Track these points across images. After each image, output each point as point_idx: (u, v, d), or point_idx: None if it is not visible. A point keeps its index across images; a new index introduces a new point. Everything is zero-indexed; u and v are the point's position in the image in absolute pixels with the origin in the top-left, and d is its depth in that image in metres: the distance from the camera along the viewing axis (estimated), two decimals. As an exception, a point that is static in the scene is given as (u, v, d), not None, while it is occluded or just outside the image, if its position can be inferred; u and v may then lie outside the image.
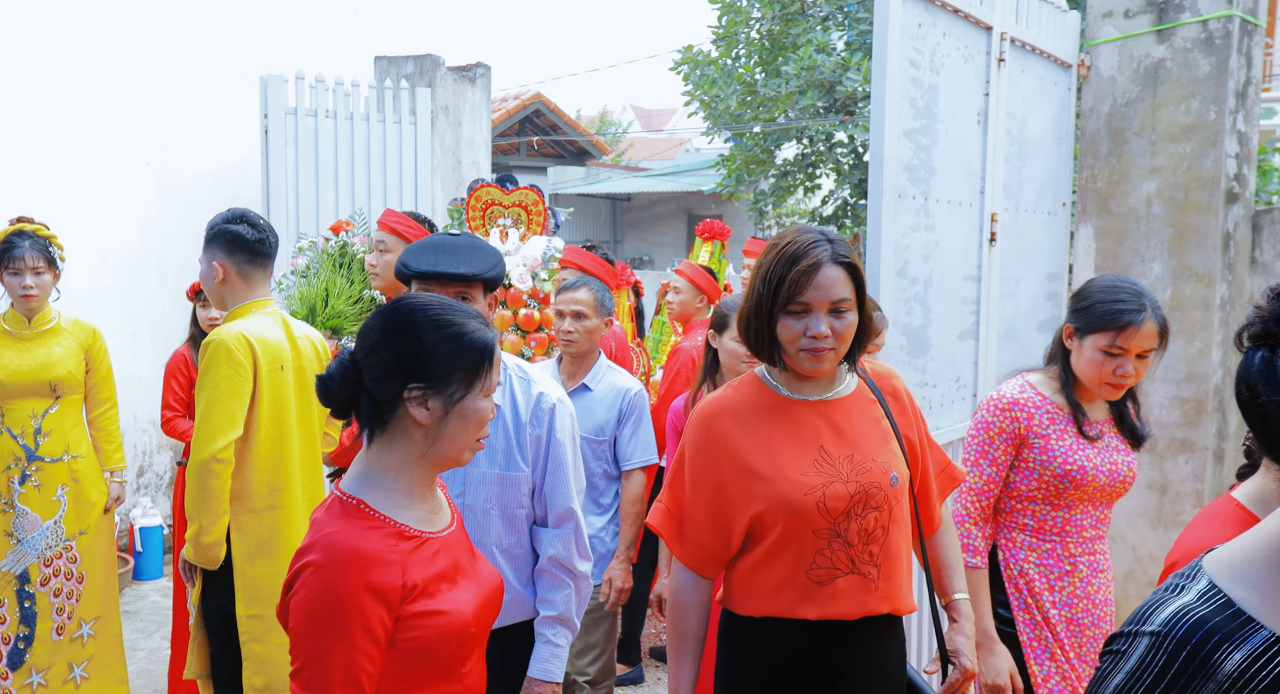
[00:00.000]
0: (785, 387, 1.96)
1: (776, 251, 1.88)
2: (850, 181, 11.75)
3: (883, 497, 1.89)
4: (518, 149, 16.45)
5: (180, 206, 6.26)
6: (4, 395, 3.56)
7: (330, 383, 1.57)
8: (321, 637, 1.46)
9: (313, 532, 1.54)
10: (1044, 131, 3.98)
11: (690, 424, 1.98)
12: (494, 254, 2.34)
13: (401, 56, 6.89)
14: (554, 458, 2.33)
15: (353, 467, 1.63)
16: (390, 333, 1.58)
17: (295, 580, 1.50)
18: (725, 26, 12.01)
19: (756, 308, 1.90)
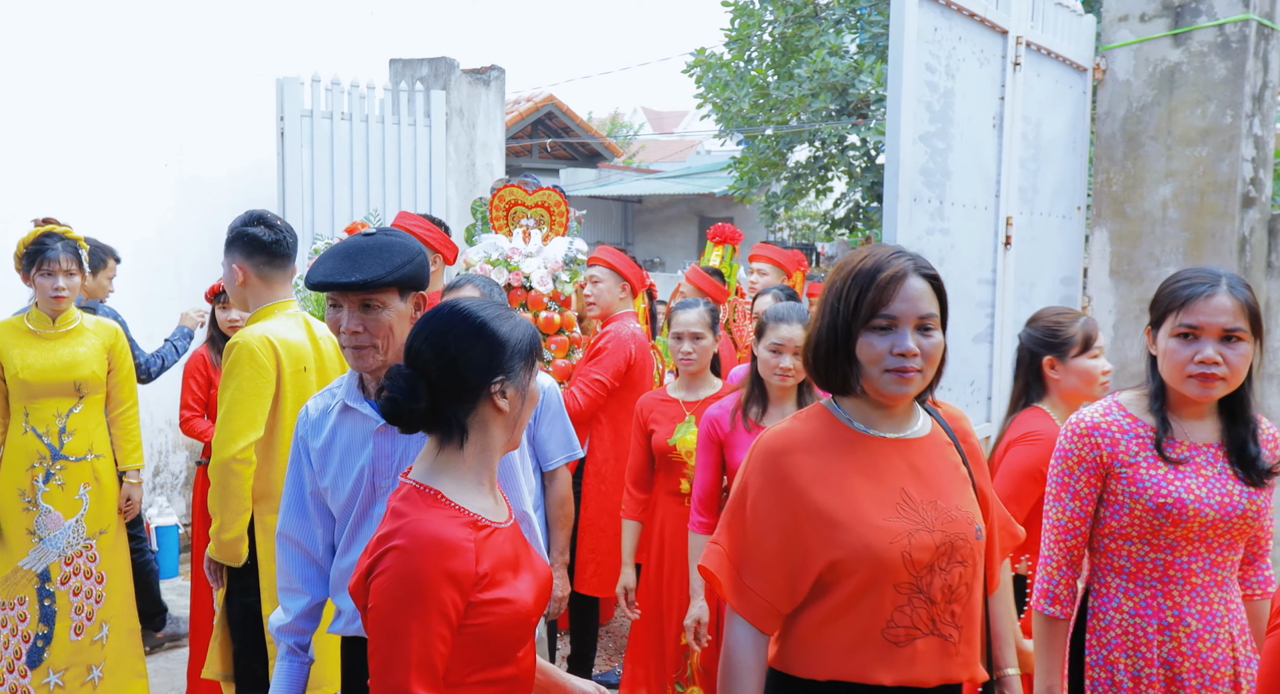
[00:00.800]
0: (861, 421, 1.76)
1: (850, 268, 1.72)
2: (862, 184, 11.75)
3: (969, 550, 1.71)
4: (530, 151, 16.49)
5: (197, 208, 6.31)
6: (29, 395, 3.60)
7: (405, 402, 1.64)
8: (403, 618, 1.55)
9: (393, 519, 1.63)
10: (1059, 135, 3.98)
11: (754, 459, 1.76)
12: (403, 252, 2.11)
13: (416, 59, 6.93)
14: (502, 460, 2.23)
15: (422, 460, 1.72)
16: (469, 336, 1.68)
17: (378, 563, 1.59)
18: (738, 29, 12.02)
19: (830, 328, 1.72)
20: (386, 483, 2.14)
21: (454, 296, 1.88)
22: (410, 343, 1.70)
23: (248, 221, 2.95)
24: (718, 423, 3.10)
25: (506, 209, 4.49)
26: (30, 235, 3.63)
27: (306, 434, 2.23)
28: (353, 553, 2.19)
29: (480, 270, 4.43)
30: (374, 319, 2.09)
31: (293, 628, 2.26)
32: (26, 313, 3.69)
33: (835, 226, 12.96)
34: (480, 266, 4.43)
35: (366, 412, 2.16)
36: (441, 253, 3.71)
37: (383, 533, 1.61)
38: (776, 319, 2.99)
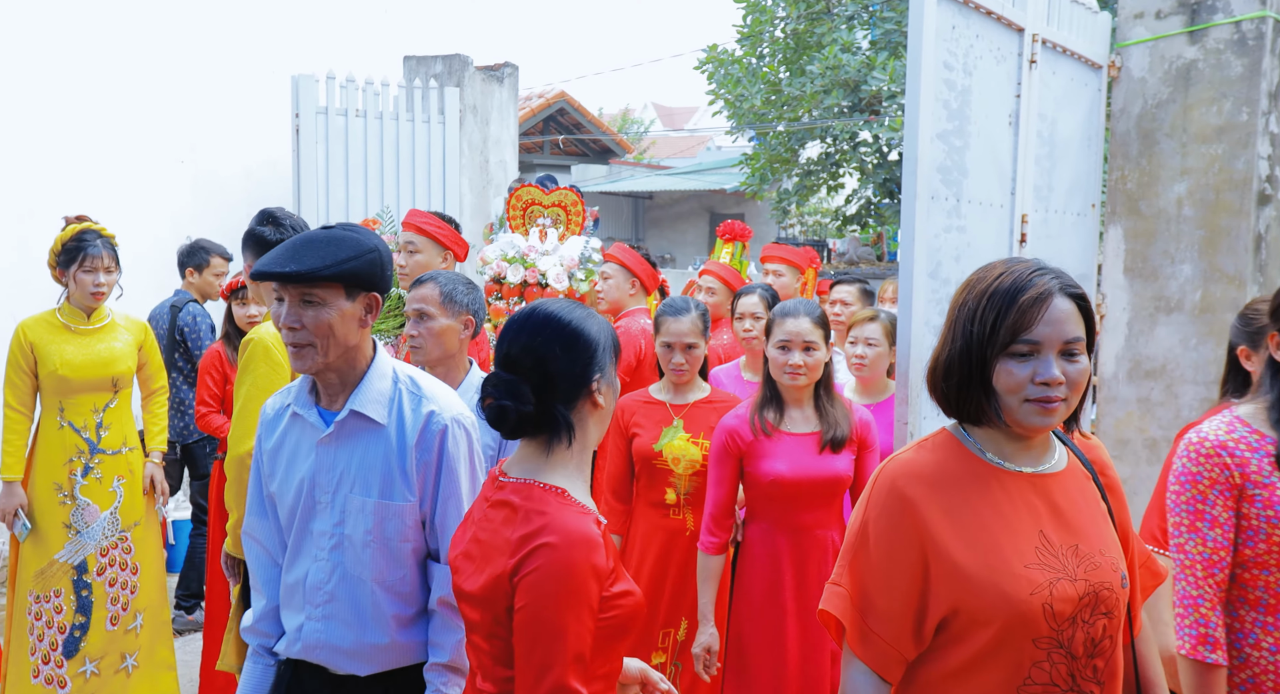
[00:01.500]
0: (994, 452, 1.60)
1: (985, 286, 1.56)
2: (874, 181, 11.74)
3: (1114, 600, 1.56)
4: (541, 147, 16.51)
5: (213, 204, 6.34)
6: (68, 390, 3.64)
7: (514, 406, 1.68)
8: (560, 614, 1.59)
9: (532, 519, 1.65)
10: (1074, 133, 3.98)
11: (876, 493, 1.60)
12: (351, 247, 1.96)
13: (430, 56, 6.95)
14: (445, 488, 2.03)
15: (529, 460, 1.74)
16: (567, 338, 1.72)
17: (526, 562, 1.61)
18: (750, 25, 12.02)
19: (964, 354, 1.56)
20: (326, 499, 2.03)
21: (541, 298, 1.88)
22: (506, 348, 1.73)
23: (259, 221, 3.00)
24: (736, 433, 2.90)
25: (524, 209, 4.52)
26: (67, 232, 3.66)
27: (263, 433, 2.15)
28: (298, 568, 2.08)
29: (496, 268, 4.46)
30: (313, 316, 1.94)
31: (255, 630, 2.18)
32: (59, 308, 3.71)
33: (847, 223, 12.96)
34: (497, 264, 4.46)
35: (314, 420, 2.05)
36: (451, 250, 3.72)
37: (524, 532, 1.64)
38: (783, 314, 2.89)
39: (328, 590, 2.03)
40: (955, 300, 1.61)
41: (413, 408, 2.04)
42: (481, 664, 1.75)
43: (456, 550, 1.80)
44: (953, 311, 1.60)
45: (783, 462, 2.85)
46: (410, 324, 2.78)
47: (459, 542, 1.81)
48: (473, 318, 2.83)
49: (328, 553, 2.04)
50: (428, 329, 2.76)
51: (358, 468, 2.02)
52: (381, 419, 2.02)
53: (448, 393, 2.11)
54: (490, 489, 1.79)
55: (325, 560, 2.04)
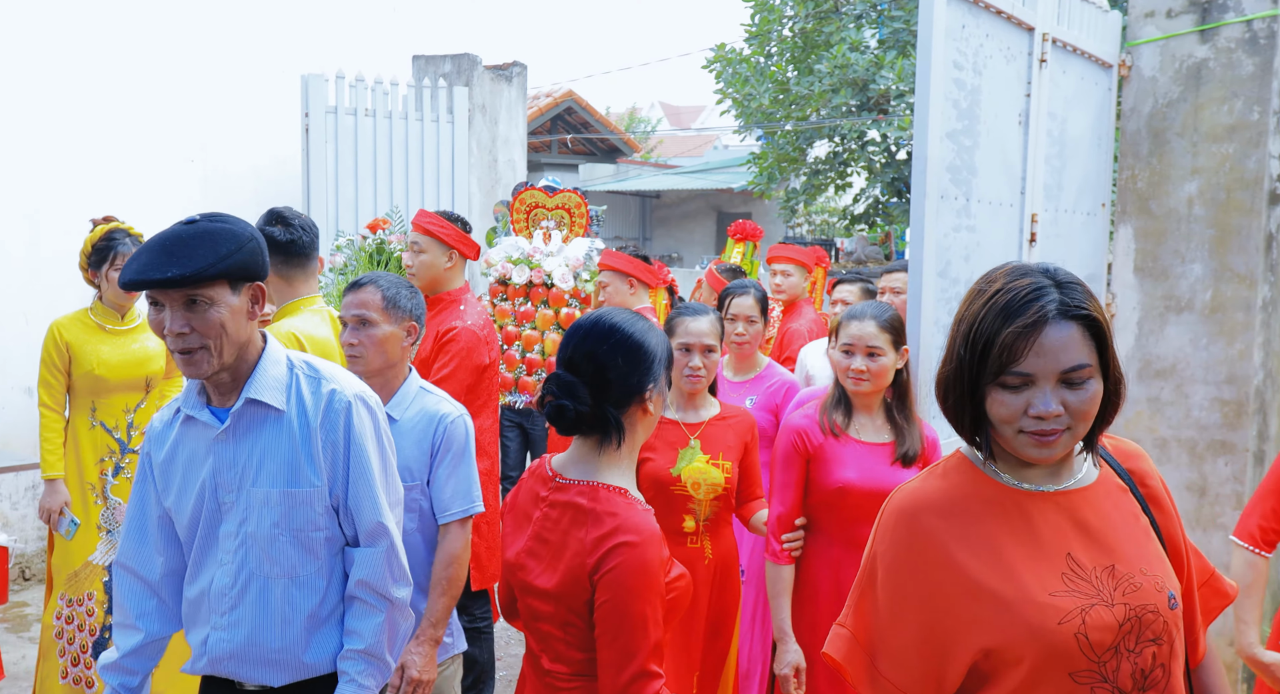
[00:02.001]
0: (1010, 473, 1.46)
1: (984, 299, 1.41)
2: (882, 180, 11.73)
3: (1161, 624, 1.40)
4: (549, 146, 16.52)
5: (222, 203, 6.35)
6: (102, 390, 3.65)
7: (571, 405, 1.81)
8: (640, 606, 1.74)
9: (605, 520, 1.79)
10: (1084, 132, 3.97)
11: (883, 525, 1.50)
12: (230, 239, 1.86)
13: (439, 56, 6.96)
14: (356, 465, 1.98)
15: (581, 460, 1.88)
16: (625, 349, 1.85)
17: (606, 560, 1.76)
18: (758, 24, 12.02)
19: (957, 374, 1.43)
20: (231, 498, 1.94)
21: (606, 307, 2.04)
22: (570, 353, 1.86)
23: (266, 221, 2.99)
24: (805, 434, 2.75)
25: (527, 212, 4.53)
26: (96, 233, 3.67)
27: (151, 449, 2.04)
28: (202, 578, 1.98)
29: (501, 269, 4.47)
30: (202, 318, 1.84)
31: (119, 667, 2.04)
32: (90, 308, 3.73)
33: (854, 222, 12.95)
34: (502, 266, 4.47)
35: (206, 419, 1.96)
36: (457, 249, 3.72)
37: (600, 533, 1.79)
38: (849, 317, 2.76)
39: (233, 595, 1.94)
40: (959, 309, 1.47)
41: (312, 390, 1.97)
42: (550, 648, 1.88)
43: (516, 548, 1.92)
44: (955, 322, 1.46)
45: (852, 469, 2.68)
46: (348, 331, 2.60)
47: (515, 540, 1.94)
48: (416, 324, 2.65)
49: (232, 555, 1.94)
50: (369, 336, 2.58)
51: (260, 459, 1.93)
52: (280, 405, 1.94)
53: (345, 372, 2.05)
54: (544, 488, 1.91)
55: (230, 564, 1.94)
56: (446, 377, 3.54)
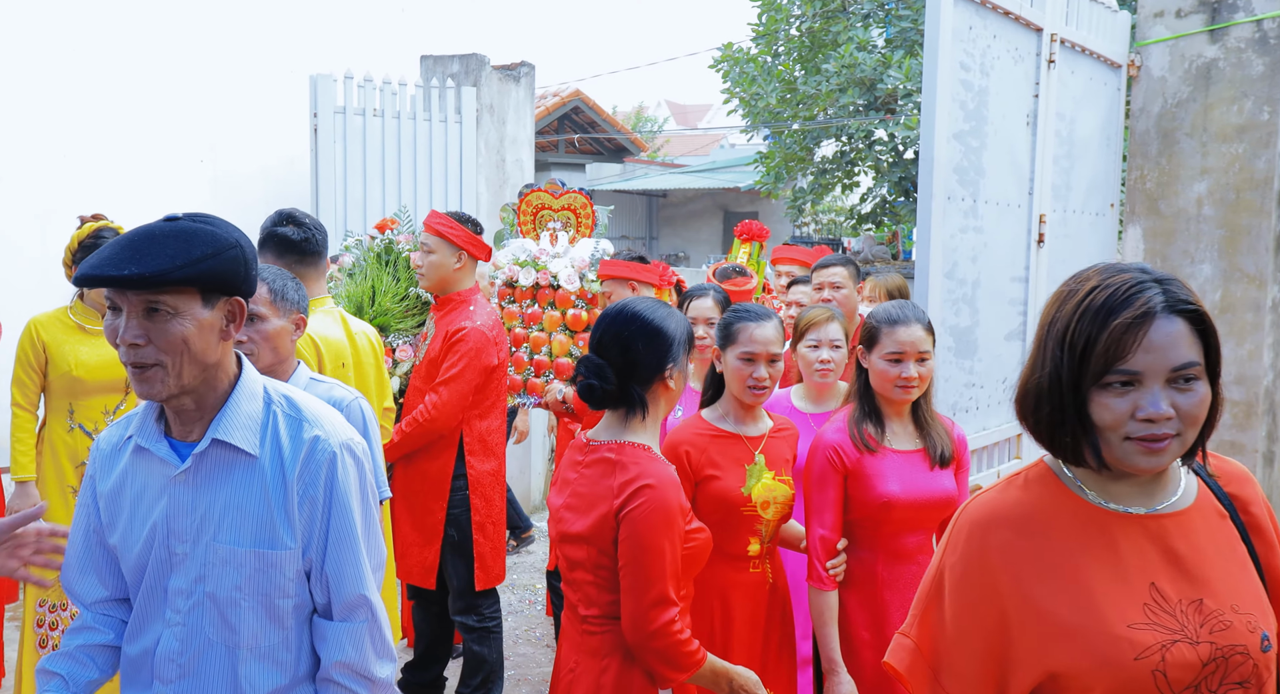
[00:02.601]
0: (1097, 490, 1.36)
1: (1076, 302, 1.31)
2: (889, 179, 11.72)
3: (1249, 667, 1.30)
4: (556, 146, 16.54)
5: (232, 203, 6.38)
6: (80, 392, 3.56)
7: (599, 385, 2.08)
8: (659, 540, 2.00)
9: (630, 468, 2.06)
10: (1093, 132, 3.97)
11: (956, 536, 1.41)
12: (208, 242, 1.59)
13: (447, 56, 6.97)
14: (338, 527, 1.69)
15: (609, 428, 2.14)
16: (648, 334, 2.10)
17: (630, 501, 2.02)
18: (765, 24, 12.01)
19: (1052, 382, 1.32)
20: (185, 549, 1.67)
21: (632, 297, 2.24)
22: (599, 337, 2.11)
23: (277, 221, 2.98)
24: (841, 450, 2.61)
25: (534, 213, 4.54)
26: (84, 231, 3.59)
27: (95, 473, 1.78)
28: (146, 637, 1.71)
29: (509, 271, 4.48)
30: (161, 329, 1.58)
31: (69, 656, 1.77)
32: (70, 307, 3.67)
33: (861, 222, 12.93)
34: (509, 268, 4.48)
35: (164, 454, 1.68)
36: (465, 249, 3.73)
37: (625, 478, 2.05)
38: (891, 322, 2.59)
39: (182, 663, 1.67)
40: (1045, 314, 1.36)
41: (291, 433, 1.68)
42: (585, 595, 2.13)
43: (558, 503, 2.18)
44: (1042, 328, 1.35)
45: (894, 481, 2.57)
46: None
47: (557, 497, 2.20)
48: (303, 317, 2.57)
49: (184, 616, 1.67)
50: (259, 332, 2.46)
51: (223, 510, 1.65)
52: (252, 449, 1.66)
53: (332, 415, 1.76)
54: (580, 453, 2.17)
55: (180, 625, 1.67)
56: (454, 376, 3.55)
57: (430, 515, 3.67)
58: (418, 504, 3.69)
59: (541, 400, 4.39)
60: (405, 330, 3.95)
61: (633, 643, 2.04)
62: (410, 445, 3.64)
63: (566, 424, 4.23)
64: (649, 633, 2.01)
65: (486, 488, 3.72)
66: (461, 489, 3.67)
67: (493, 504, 3.74)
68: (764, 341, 2.61)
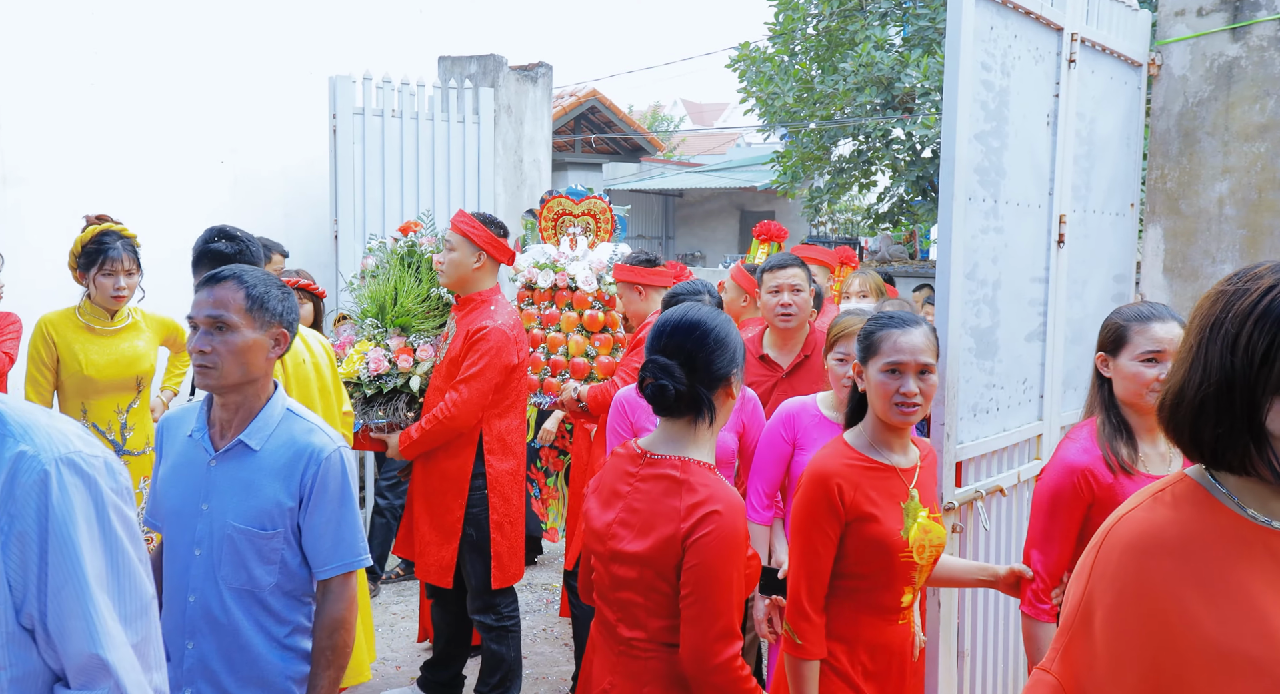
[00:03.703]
0: (1257, 507, 1.24)
1: (1251, 303, 1.22)
2: (907, 178, 11.68)
3: None
4: (573, 146, 16.56)
5: (251, 204, 6.43)
6: (92, 391, 3.62)
7: (672, 387, 1.98)
8: (728, 569, 1.91)
9: (699, 490, 1.97)
10: (1113, 132, 3.95)
11: (1104, 560, 1.27)
12: None
13: (465, 57, 7.00)
14: (57, 567, 1.32)
15: (670, 440, 2.05)
16: (717, 338, 2.04)
17: (699, 526, 1.93)
18: (782, 23, 11.99)
19: (1222, 391, 1.21)
20: None
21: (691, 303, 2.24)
22: (665, 341, 2.02)
23: (209, 238, 3.02)
24: (1090, 475, 2.33)
25: (555, 219, 4.57)
26: (88, 233, 3.63)
27: None
28: None
29: (529, 274, 4.50)
30: None
31: None
32: (79, 308, 3.71)
33: (879, 221, 12.90)
34: (528, 271, 4.51)
35: None
36: (487, 250, 3.75)
37: (693, 501, 1.96)
38: (1142, 319, 2.36)
39: None
40: (1204, 315, 1.26)
41: None
42: (630, 616, 2.02)
43: (605, 520, 2.06)
44: (1200, 330, 1.25)
45: None
46: (198, 336, 2.12)
47: (604, 514, 2.08)
48: (285, 332, 2.20)
49: None
50: (226, 344, 2.10)
51: None
52: None
53: (51, 423, 1.39)
54: (633, 466, 2.07)
55: None
56: (475, 375, 3.57)
57: (449, 514, 3.69)
58: (436, 503, 3.72)
59: (557, 400, 4.41)
60: (426, 331, 3.98)
61: (692, 675, 1.93)
62: (430, 443, 3.67)
63: (583, 425, 4.24)
64: (712, 667, 1.90)
65: (505, 487, 3.74)
66: (480, 488, 3.69)
67: (511, 503, 3.76)
68: (911, 350, 2.30)
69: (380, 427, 3.80)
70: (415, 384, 3.82)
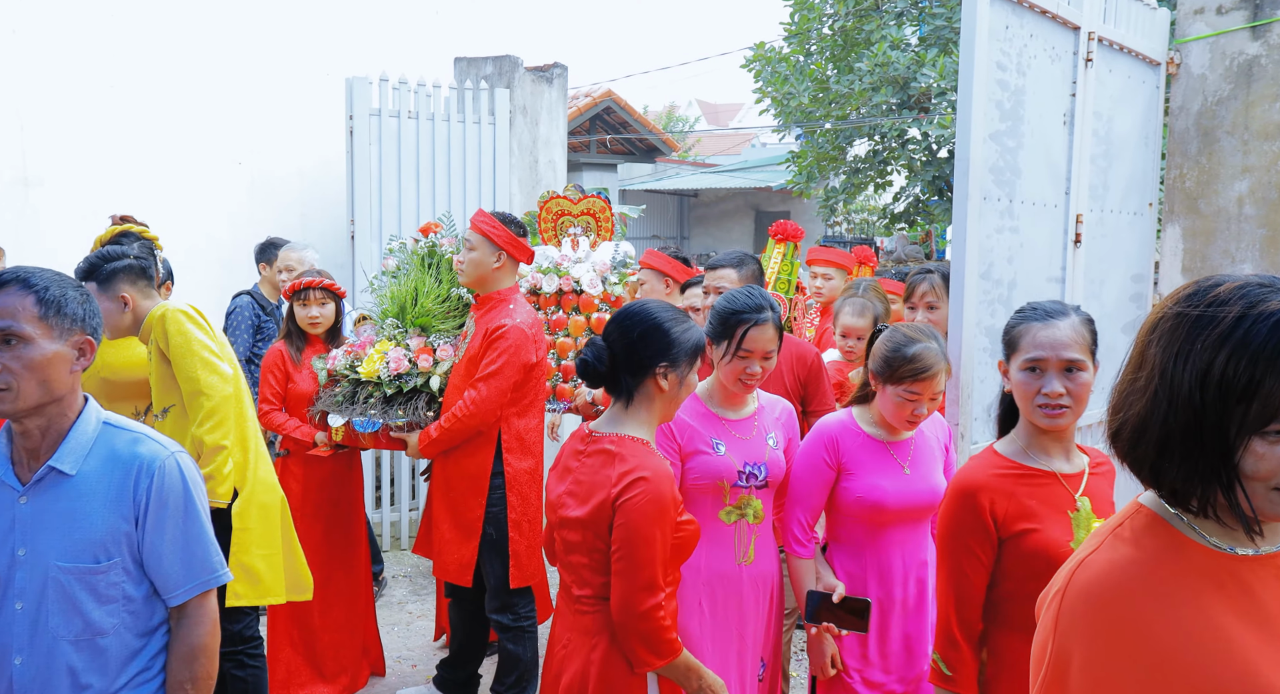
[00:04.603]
0: (1217, 535, 1.17)
1: (1224, 330, 1.10)
2: (923, 178, 11.64)
3: None
4: (588, 146, 16.58)
5: (268, 205, 6.48)
6: (108, 395, 3.64)
7: (592, 365, 2.26)
8: (651, 529, 2.13)
9: (629, 459, 2.19)
10: (1131, 131, 3.93)
11: (1073, 609, 1.18)
12: None
13: (480, 57, 7.02)
14: None
15: (609, 419, 2.29)
16: (651, 329, 2.26)
17: (626, 491, 2.15)
18: (798, 23, 11.98)
19: (1188, 422, 1.12)
20: None
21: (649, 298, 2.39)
22: (608, 326, 2.32)
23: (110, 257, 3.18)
24: None
25: (554, 220, 4.56)
26: (109, 233, 3.67)
27: None
28: None
29: (531, 280, 4.52)
30: None
31: None
32: None
33: (894, 221, 12.86)
34: (532, 276, 4.52)
35: None
36: (506, 250, 3.77)
37: (624, 469, 2.18)
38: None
39: None
40: (1165, 340, 1.15)
41: None
42: (579, 577, 2.27)
43: (558, 491, 2.31)
44: (1161, 360, 1.14)
45: None
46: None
47: (557, 486, 2.33)
48: (91, 340, 1.94)
49: None
50: (19, 360, 1.82)
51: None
52: None
53: None
54: (581, 444, 2.31)
55: None
56: (494, 373, 3.59)
57: (469, 512, 3.70)
58: (456, 501, 3.73)
59: (571, 405, 4.42)
60: (446, 331, 4.00)
61: (619, 623, 2.16)
62: (449, 441, 3.68)
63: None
64: (637, 615, 2.13)
65: (524, 486, 3.75)
66: (499, 487, 3.70)
67: (529, 502, 3.77)
68: (1053, 345, 2.08)
69: (400, 426, 3.81)
70: (435, 383, 3.84)
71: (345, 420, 3.83)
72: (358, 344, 3.98)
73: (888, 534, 2.67)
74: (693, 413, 2.71)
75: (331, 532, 4.06)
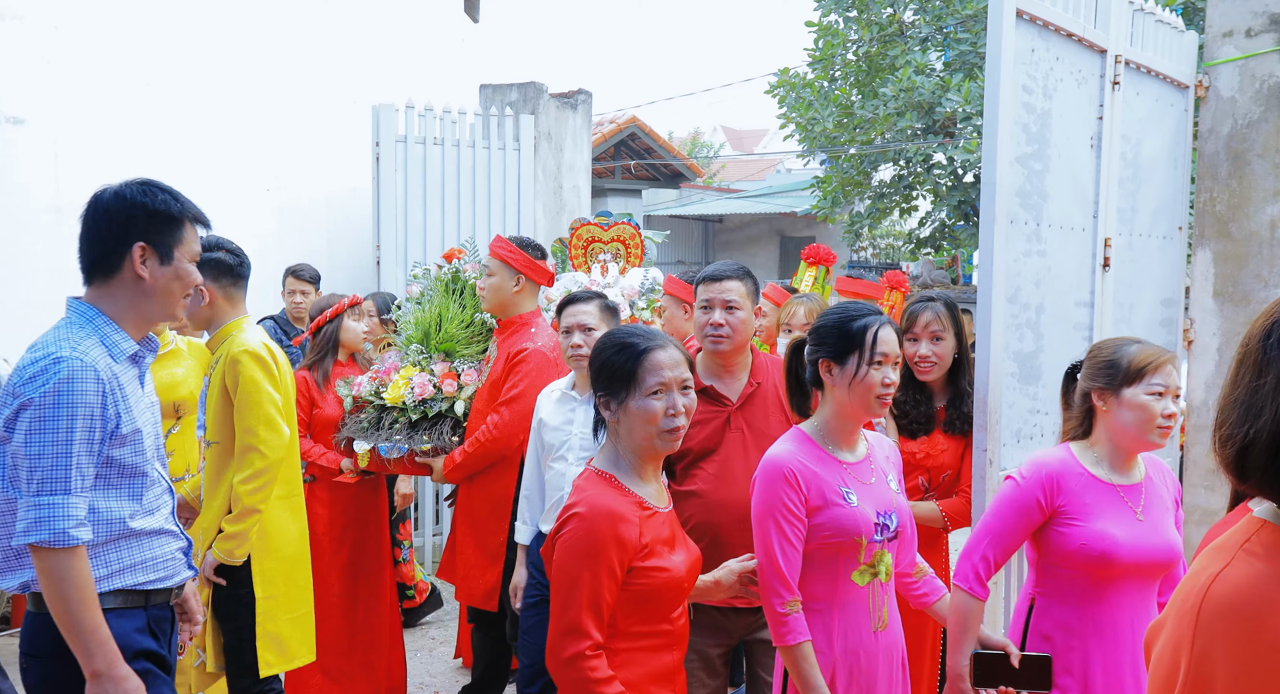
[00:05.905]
0: None
1: None
2: (948, 203, 11.60)
3: None
4: (613, 172, 16.67)
5: (296, 230, 6.54)
6: None
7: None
8: (578, 568, 1.96)
9: (576, 493, 2.06)
10: (1159, 154, 3.89)
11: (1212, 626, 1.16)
12: None
13: (506, 84, 7.09)
14: None
15: (601, 452, 2.15)
16: (596, 359, 2.15)
17: (563, 527, 2.01)
18: (822, 49, 12.01)
19: None
20: None
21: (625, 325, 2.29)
22: None
23: (210, 247, 3.19)
24: None
25: (585, 246, 4.59)
26: None
27: None
28: None
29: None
30: None
31: None
32: None
33: (920, 246, 12.82)
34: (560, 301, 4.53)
35: None
36: (525, 273, 3.78)
37: (569, 504, 2.05)
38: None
39: None
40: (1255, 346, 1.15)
41: None
42: None
43: None
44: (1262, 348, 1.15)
45: None
46: None
47: None
48: None
49: None
50: None
51: None
52: None
53: None
54: None
55: None
56: (516, 396, 3.59)
57: (493, 537, 3.69)
58: (480, 526, 3.72)
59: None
60: (470, 356, 4.00)
61: (549, 669, 2.01)
62: (473, 466, 3.68)
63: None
64: (560, 661, 1.96)
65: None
66: (522, 512, 3.69)
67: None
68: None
69: (425, 451, 3.81)
70: (460, 408, 3.84)
71: (371, 446, 3.83)
72: (383, 370, 3.99)
73: (1115, 589, 2.36)
74: (812, 457, 2.30)
75: (357, 556, 4.06)
